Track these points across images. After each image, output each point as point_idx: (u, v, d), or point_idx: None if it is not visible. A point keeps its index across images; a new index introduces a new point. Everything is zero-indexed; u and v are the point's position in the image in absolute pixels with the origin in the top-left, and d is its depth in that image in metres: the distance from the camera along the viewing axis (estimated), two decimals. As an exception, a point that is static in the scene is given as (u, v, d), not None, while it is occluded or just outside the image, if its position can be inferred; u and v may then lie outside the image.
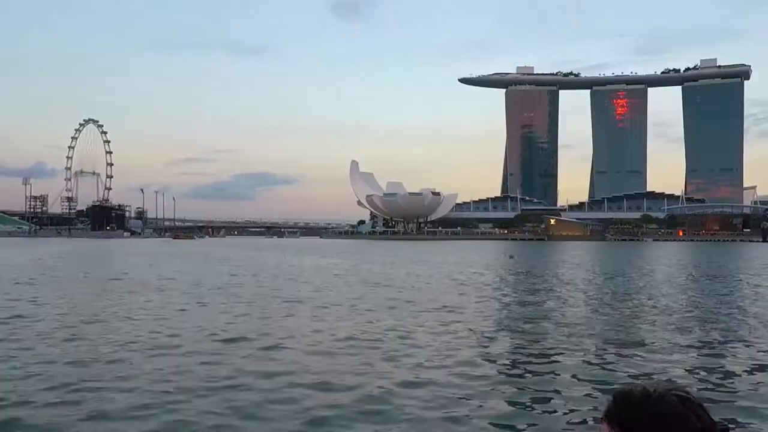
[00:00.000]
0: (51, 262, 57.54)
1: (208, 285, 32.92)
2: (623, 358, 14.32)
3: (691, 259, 75.23)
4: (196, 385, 11.38)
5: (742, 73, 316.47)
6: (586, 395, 11.12)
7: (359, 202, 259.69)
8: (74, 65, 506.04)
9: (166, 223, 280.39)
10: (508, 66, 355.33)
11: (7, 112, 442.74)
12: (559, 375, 12.67)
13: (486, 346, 15.81)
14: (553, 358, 14.21)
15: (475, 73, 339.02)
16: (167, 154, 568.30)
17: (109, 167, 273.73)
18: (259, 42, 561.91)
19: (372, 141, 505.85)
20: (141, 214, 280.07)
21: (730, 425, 2.01)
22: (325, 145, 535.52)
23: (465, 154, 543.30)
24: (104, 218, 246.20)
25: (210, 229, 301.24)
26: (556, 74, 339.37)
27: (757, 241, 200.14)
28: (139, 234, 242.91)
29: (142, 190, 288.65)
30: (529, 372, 12.90)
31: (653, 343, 16.22)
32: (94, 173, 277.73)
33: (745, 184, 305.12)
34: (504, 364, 13.73)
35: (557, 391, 11.35)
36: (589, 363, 13.78)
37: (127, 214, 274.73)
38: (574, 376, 12.51)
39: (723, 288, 34.34)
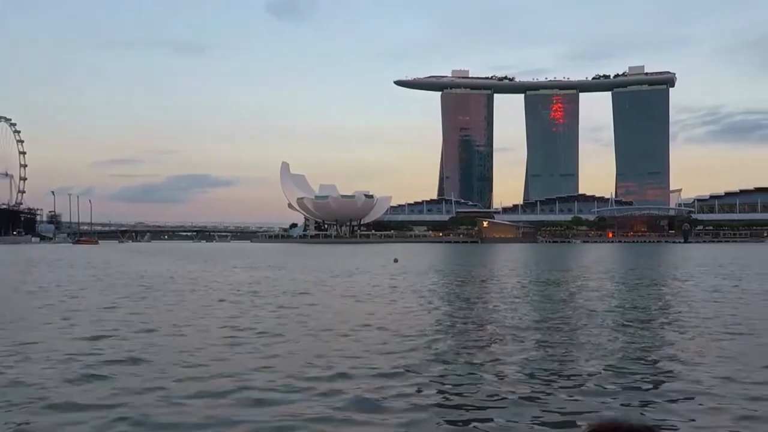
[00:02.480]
0: None
1: None
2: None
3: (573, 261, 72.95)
4: None
5: (667, 81, 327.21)
6: None
7: (290, 205, 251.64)
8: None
9: (84, 228, 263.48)
10: (447, 70, 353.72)
11: None
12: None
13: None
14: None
15: (411, 76, 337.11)
16: (94, 154, 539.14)
17: (22, 168, 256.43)
18: (195, 41, 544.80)
19: (308, 143, 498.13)
20: (53, 218, 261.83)
21: None
22: (262, 147, 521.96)
23: (402, 156, 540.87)
24: (11, 223, 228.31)
25: (134, 234, 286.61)
26: (491, 78, 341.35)
27: (679, 242, 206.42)
28: (51, 239, 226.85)
29: (53, 192, 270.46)
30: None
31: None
32: (6, 174, 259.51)
33: (672, 187, 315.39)
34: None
35: None
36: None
37: (38, 217, 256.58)
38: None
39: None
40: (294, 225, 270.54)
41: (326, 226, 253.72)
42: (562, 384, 11.42)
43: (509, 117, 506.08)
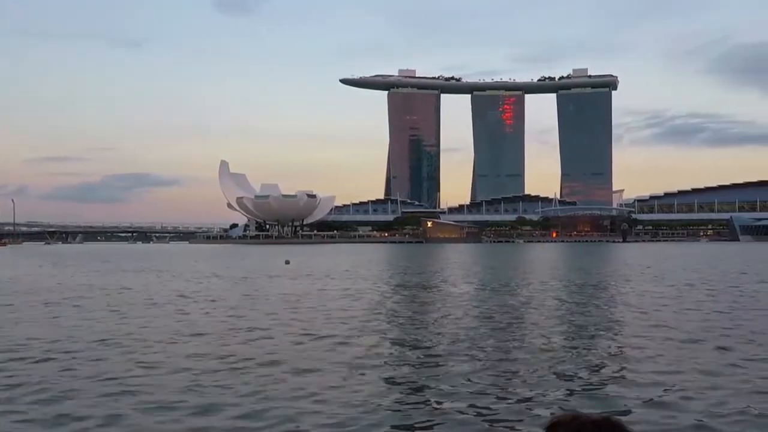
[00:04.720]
0: None
1: None
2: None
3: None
4: None
5: (610, 83, 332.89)
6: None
7: (229, 205, 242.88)
8: None
9: (7, 228, 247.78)
10: (394, 69, 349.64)
11: None
12: None
13: None
14: None
15: (358, 75, 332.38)
16: (27, 151, 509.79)
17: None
18: (137, 35, 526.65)
19: (252, 142, 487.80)
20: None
21: None
22: (206, 145, 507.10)
23: (348, 156, 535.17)
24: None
25: (64, 235, 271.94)
26: (438, 78, 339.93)
27: (618, 242, 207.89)
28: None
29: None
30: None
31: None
32: None
33: (615, 188, 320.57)
34: None
35: None
36: None
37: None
38: None
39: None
40: (234, 225, 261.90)
41: (267, 226, 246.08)
42: None
43: (457, 117, 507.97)
